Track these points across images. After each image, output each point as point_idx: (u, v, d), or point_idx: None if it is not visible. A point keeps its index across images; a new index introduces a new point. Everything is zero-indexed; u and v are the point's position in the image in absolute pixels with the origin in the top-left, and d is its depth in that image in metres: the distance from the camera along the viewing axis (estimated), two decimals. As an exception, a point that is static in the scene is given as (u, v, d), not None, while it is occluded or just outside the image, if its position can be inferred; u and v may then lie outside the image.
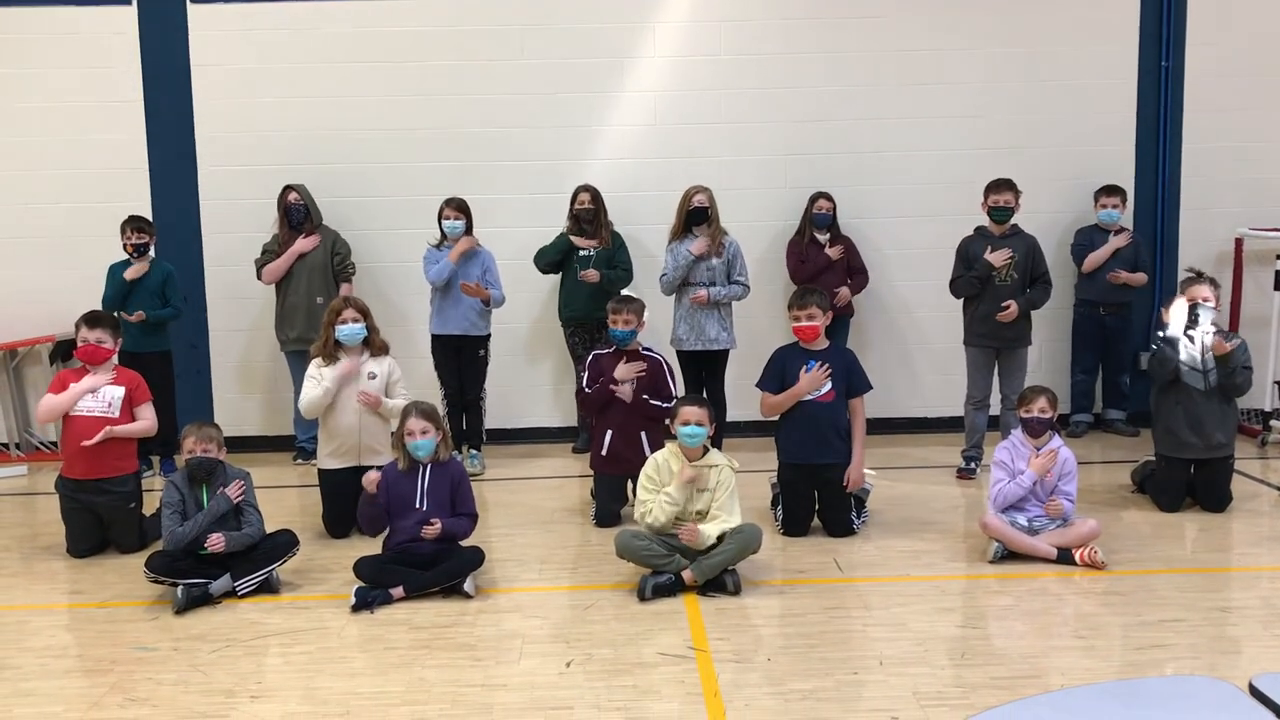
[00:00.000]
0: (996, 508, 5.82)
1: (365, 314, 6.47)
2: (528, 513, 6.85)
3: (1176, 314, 6.58)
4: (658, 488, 5.51)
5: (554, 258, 8.00)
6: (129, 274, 7.64)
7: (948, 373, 8.32)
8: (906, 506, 6.77)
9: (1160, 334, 6.65)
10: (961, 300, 7.45)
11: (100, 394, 6.17)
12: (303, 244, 7.90)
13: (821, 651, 4.67)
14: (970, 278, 7.27)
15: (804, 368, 6.17)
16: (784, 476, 6.34)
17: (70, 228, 8.42)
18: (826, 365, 6.16)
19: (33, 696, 4.42)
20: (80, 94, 8.37)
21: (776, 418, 6.35)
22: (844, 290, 8.09)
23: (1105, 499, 6.84)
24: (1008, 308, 7.15)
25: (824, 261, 8.12)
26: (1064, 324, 8.58)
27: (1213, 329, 6.51)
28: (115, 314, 6.95)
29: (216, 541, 5.36)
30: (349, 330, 6.40)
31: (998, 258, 7.18)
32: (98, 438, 6.07)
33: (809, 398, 6.18)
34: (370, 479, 5.55)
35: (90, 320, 6.24)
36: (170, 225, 8.31)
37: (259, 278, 8.00)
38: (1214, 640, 4.74)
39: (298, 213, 7.95)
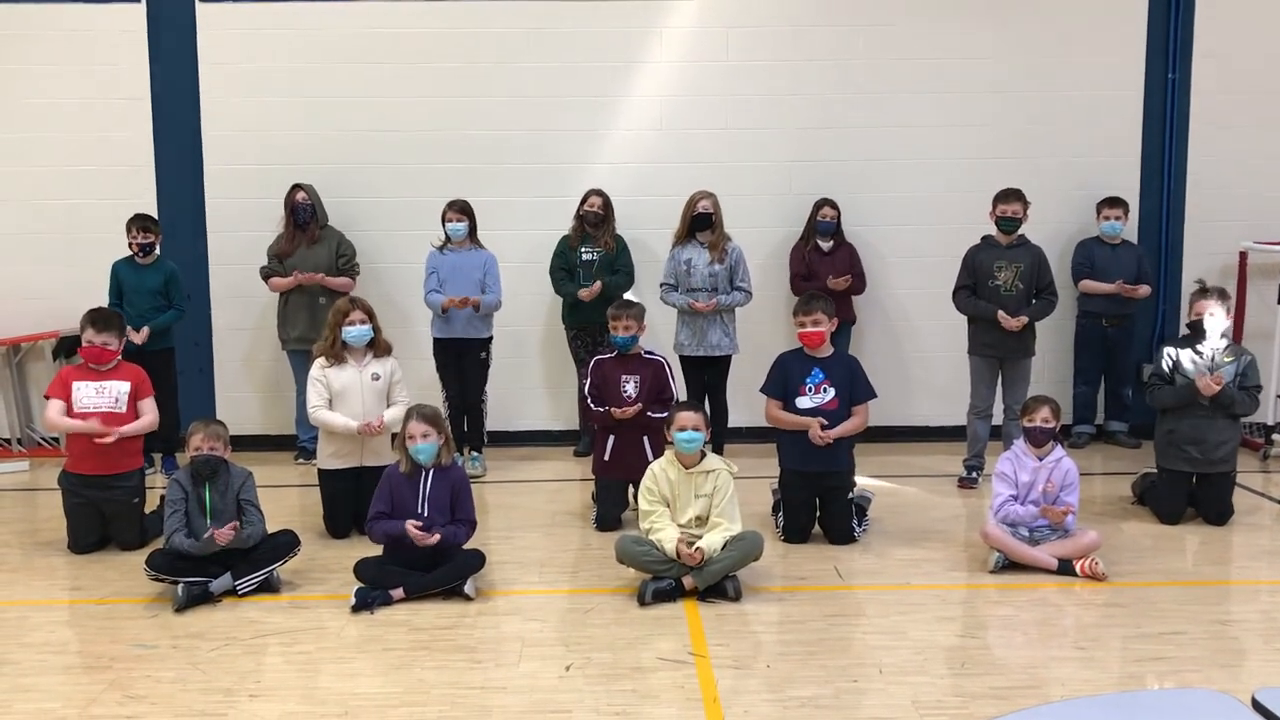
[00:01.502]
0: (999, 521, 5.81)
1: (371, 315, 6.45)
2: (528, 516, 6.85)
3: (1213, 325, 6.53)
4: (657, 498, 5.51)
5: (570, 283, 7.96)
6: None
7: (950, 382, 8.31)
8: (907, 515, 6.77)
9: (1156, 371, 6.65)
10: (965, 308, 7.46)
11: (106, 389, 6.17)
12: (303, 277, 7.80)
13: (821, 659, 4.67)
14: (978, 305, 7.25)
15: (815, 427, 6.09)
16: (785, 483, 6.33)
17: (75, 225, 8.42)
18: (829, 435, 6.11)
19: (31, 692, 4.42)
20: (87, 92, 8.38)
21: (779, 423, 6.36)
22: (844, 279, 8.04)
23: (1106, 510, 6.84)
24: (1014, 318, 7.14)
25: (824, 273, 8.10)
26: (1066, 335, 8.58)
27: (1223, 343, 6.53)
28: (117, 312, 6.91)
29: (225, 536, 5.34)
30: (356, 331, 6.38)
31: (1009, 323, 7.10)
32: (110, 438, 6.03)
33: (811, 405, 6.18)
34: (418, 536, 5.34)
35: (99, 323, 6.20)
36: (175, 223, 8.31)
37: (265, 281, 8.02)
38: (1214, 653, 4.74)
39: (304, 212, 7.94)
